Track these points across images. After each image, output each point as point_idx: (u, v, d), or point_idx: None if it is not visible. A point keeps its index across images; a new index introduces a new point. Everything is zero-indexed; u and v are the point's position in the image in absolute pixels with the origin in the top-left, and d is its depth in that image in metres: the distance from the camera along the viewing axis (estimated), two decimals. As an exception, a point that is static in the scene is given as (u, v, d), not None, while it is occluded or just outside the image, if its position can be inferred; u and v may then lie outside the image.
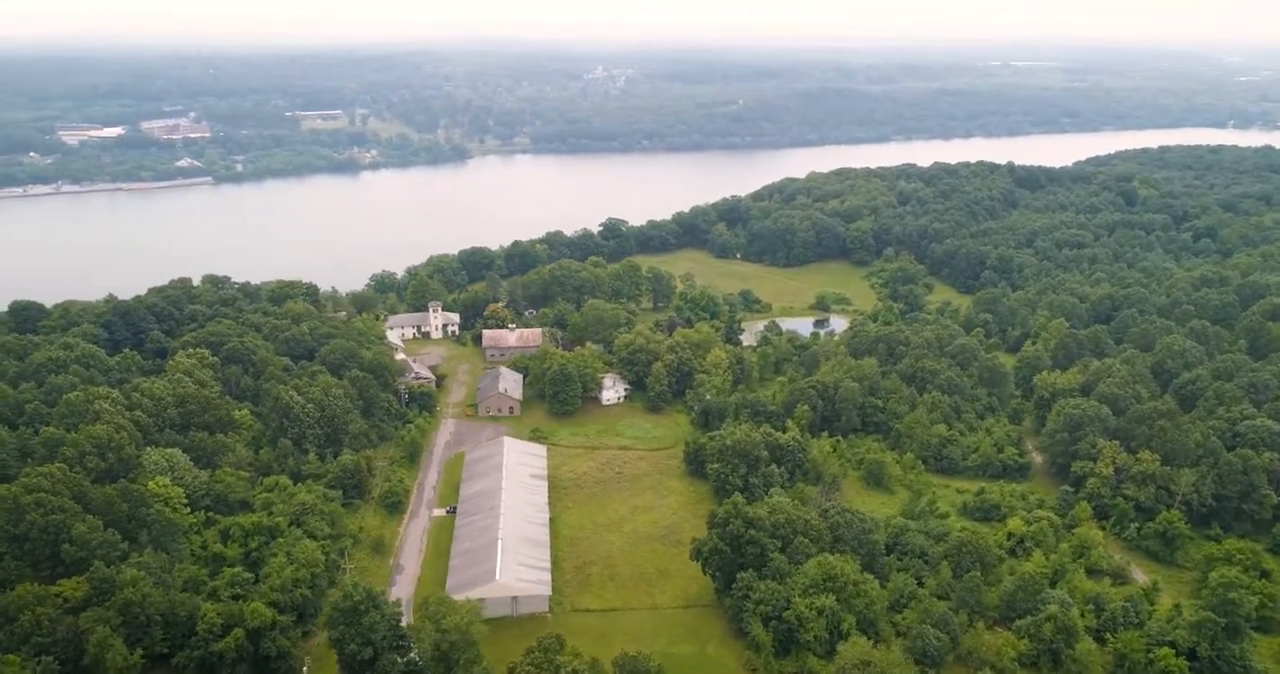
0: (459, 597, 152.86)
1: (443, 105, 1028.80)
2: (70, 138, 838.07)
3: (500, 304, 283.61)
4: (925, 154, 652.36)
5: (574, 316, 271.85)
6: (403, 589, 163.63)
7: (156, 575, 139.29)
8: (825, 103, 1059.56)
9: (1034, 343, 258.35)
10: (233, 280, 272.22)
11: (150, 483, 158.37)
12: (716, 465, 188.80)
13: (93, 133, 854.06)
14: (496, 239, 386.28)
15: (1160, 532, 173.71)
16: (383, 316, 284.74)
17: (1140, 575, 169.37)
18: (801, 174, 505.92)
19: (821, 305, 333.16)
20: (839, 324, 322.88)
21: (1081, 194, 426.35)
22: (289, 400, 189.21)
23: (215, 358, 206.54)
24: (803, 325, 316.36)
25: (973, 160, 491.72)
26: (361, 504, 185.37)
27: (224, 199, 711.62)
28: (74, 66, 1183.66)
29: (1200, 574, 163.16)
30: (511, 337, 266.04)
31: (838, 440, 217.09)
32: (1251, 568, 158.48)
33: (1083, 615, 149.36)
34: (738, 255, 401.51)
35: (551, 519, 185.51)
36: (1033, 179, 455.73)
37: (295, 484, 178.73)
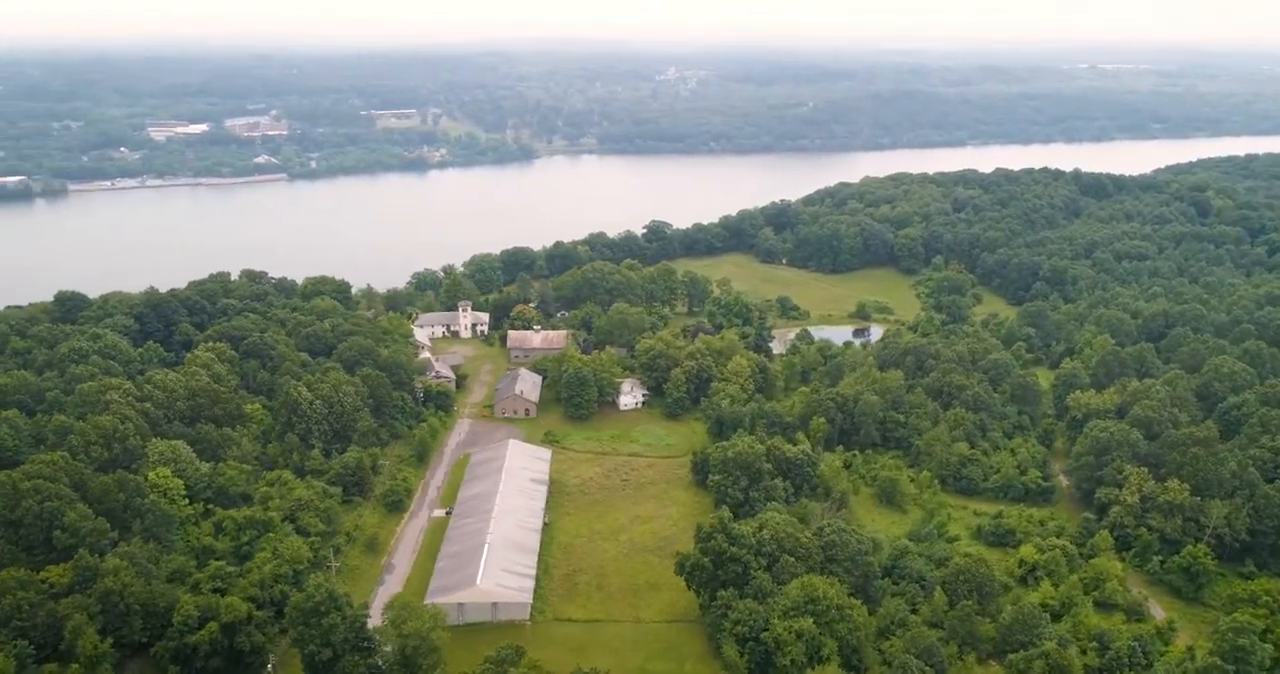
0: (441, 600, 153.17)
1: (513, 105, 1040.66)
2: (158, 134, 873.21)
3: (528, 305, 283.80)
4: (1001, 159, 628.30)
5: (599, 319, 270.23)
6: (390, 589, 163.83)
7: (140, 565, 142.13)
8: (898, 105, 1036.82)
9: (1073, 360, 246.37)
10: (270, 275, 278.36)
11: (150, 473, 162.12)
12: (717, 477, 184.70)
13: (179, 129, 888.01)
14: (549, 239, 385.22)
15: (1185, 566, 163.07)
16: (413, 315, 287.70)
17: (1159, 612, 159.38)
18: (867, 178, 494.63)
19: (861, 314, 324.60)
20: (878, 334, 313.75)
21: (1151, 204, 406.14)
22: (297, 396, 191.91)
23: (234, 352, 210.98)
24: (840, 334, 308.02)
25: (1050, 167, 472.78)
26: (363, 502, 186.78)
27: (295, 195, 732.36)
28: (167, 66, 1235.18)
29: (1225, 614, 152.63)
30: (536, 338, 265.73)
31: (854, 455, 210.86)
32: (1278, 611, 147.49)
33: (1084, 653, 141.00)
34: (783, 261, 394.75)
35: (548, 524, 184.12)
36: (1099, 187, 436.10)
37: (299, 479, 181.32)
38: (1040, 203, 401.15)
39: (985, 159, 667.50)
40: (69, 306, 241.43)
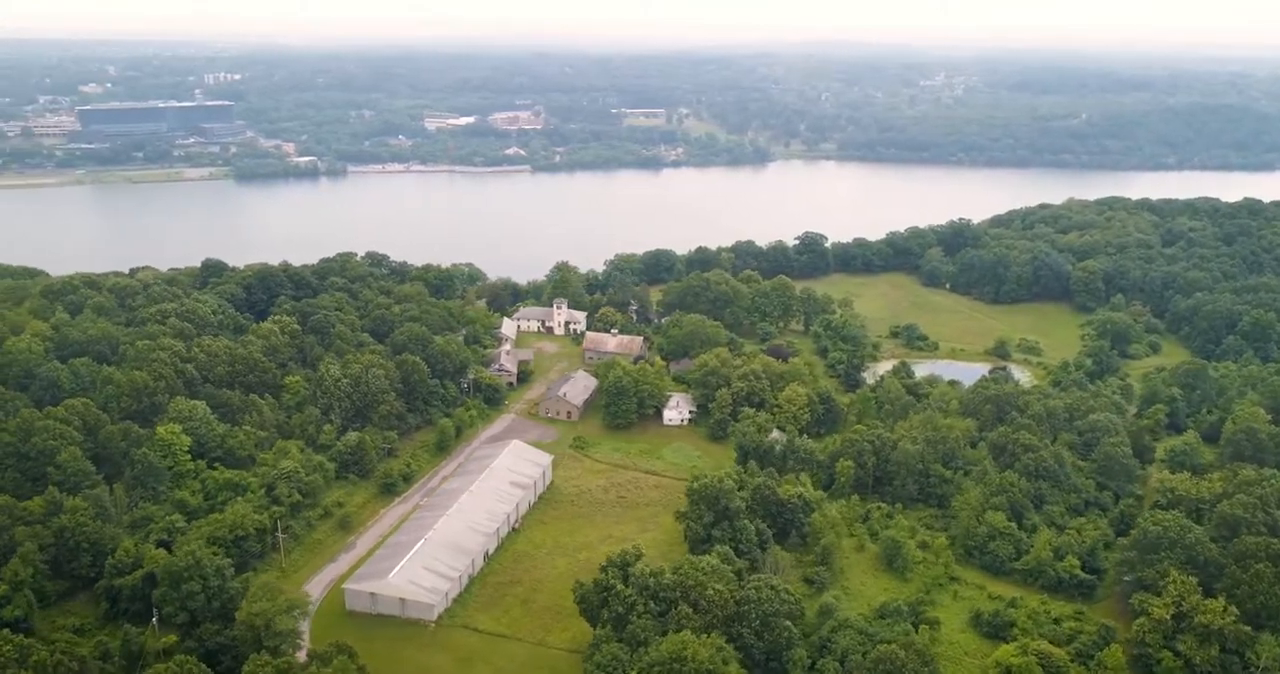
0: (356, 587, 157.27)
1: (759, 107, 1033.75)
2: (431, 124, 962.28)
3: (627, 308, 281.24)
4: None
5: (672, 329, 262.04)
6: (339, 567, 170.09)
7: (103, 508, 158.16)
8: (1196, 121, 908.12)
9: (1190, 432, 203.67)
10: (390, 258, 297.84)
11: (160, 428, 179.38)
12: (684, 509, 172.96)
13: (449, 121, 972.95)
14: (737, 241, 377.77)
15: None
16: (512, 308, 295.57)
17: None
18: (1071, 200, 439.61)
19: (999, 352, 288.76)
20: (1019, 376, 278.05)
21: None
22: (325, 373, 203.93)
23: (299, 327, 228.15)
24: (972, 372, 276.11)
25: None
26: (358, 481, 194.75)
27: (528, 185, 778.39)
28: (459, 62, 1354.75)
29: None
30: (611, 342, 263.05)
31: (878, 506, 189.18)
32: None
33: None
34: (946, 285, 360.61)
35: (516, 530, 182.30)
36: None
37: (305, 451, 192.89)
38: (1277, 242, 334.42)
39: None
40: (209, 272, 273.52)
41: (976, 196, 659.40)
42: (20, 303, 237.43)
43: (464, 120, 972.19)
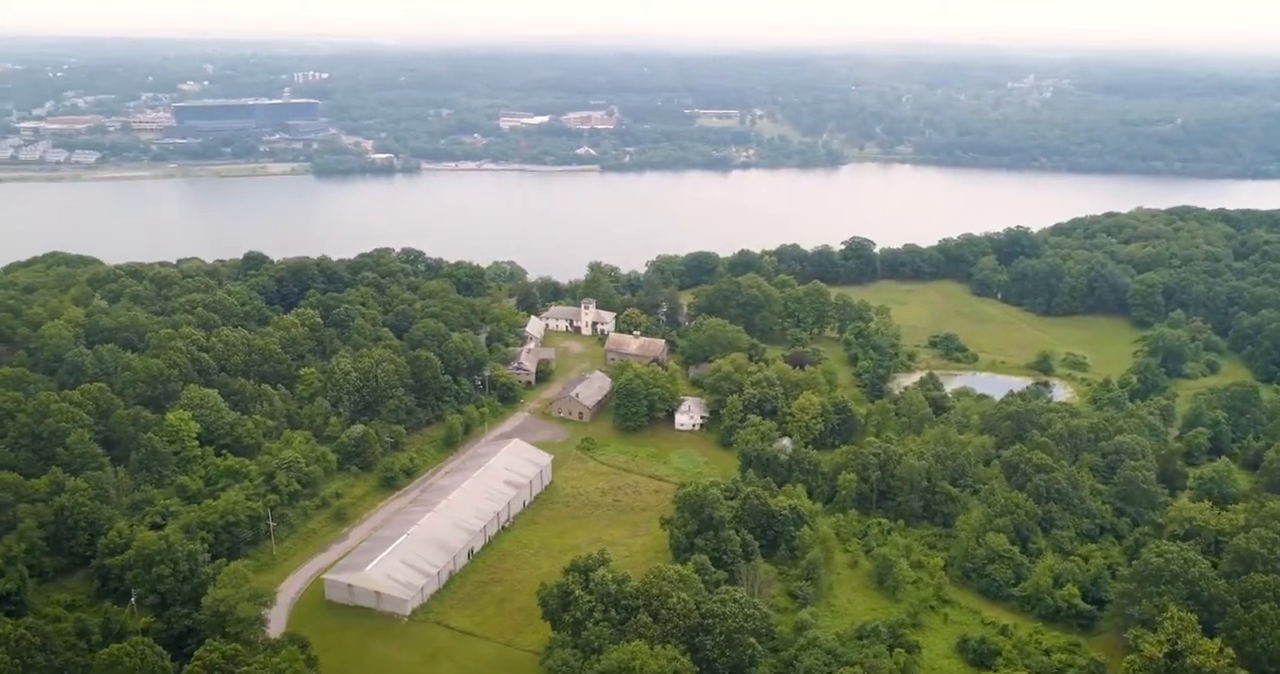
0: (336, 577, 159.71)
1: (834, 109, 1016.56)
2: (505, 123, 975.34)
3: (642, 310, 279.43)
4: None
5: (692, 333, 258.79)
6: (330, 556, 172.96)
7: (103, 490, 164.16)
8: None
9: (1224, 459, 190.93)
10: (426, 255, 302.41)
11: (170, 415, 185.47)
12: (670, 516, 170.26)
13: (523, 120, 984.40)
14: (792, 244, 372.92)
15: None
16: (543, 307, 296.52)
17: None
18: (1139, 209, 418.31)
19: (1041, 366, 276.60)
20: (1061, 393, 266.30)
21: None
22: (335, 366, 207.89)
23: (320, 320, 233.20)
24: (1009, 386, 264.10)
25: None
26: (360, 473, 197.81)
27: (595, 184, 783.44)
28: (538, 62, 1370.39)
29: None
30: (633, 343, 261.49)
31: (879, 522, 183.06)
32: None
33: None
34: (998, 295, 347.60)
35: (506, 529, 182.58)
36: None
37: (314, 441, 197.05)
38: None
39: None
40: (249, 264, 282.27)
41: (1052, 203, 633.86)
42: (67, 290, 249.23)
43: (538, 119, 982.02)
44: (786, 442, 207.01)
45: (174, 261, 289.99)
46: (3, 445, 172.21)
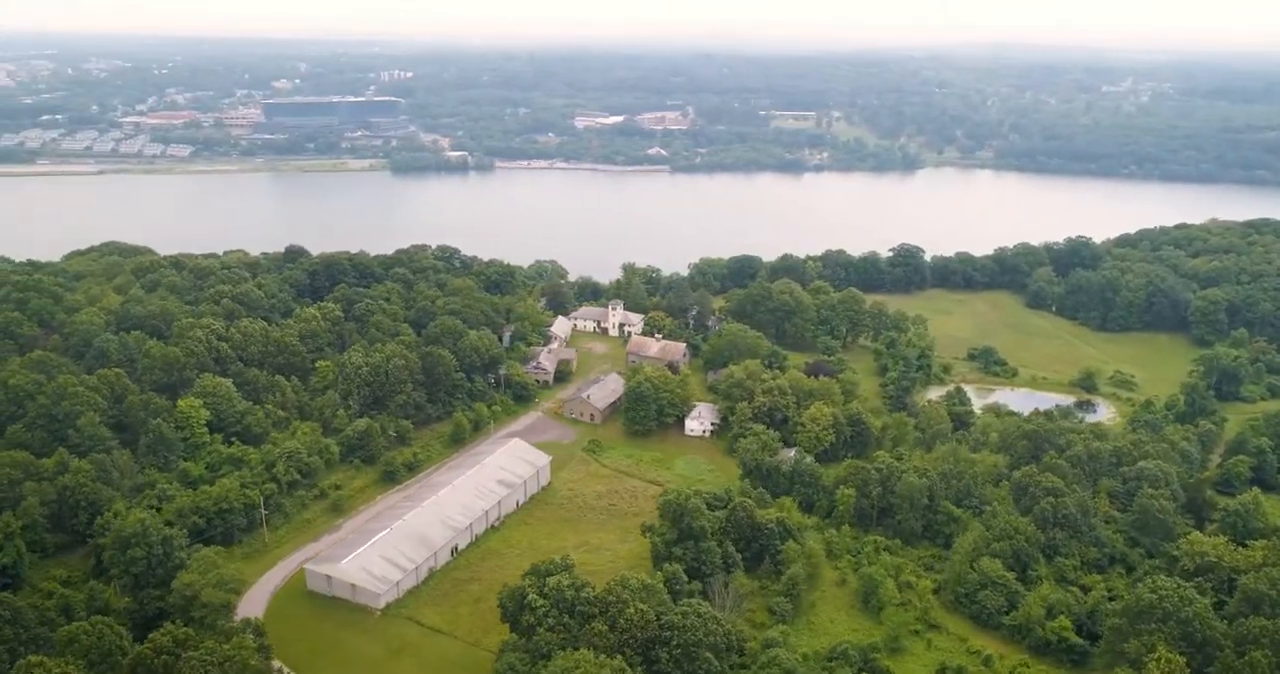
0: (315, 568, 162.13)
1: (914, 112, 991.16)
2: (581, 123, 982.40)
3: (668, 313, 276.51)
4: None
5: (713, 338, 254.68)
6: (320, 546, 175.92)
7: (106, 472, 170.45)
8: None
9: (1254, 491, 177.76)
10: (461, 252, 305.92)
11: (182, 402, 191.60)
12: (653, 523, 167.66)
13: (598, 120, 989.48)
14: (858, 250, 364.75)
15: None
16: (575, 307, 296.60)
17: None
18: (1213, 220, 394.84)
19: (1085, 384, 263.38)
20: (1104, 411, 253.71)
21: None
22: (346, 360, 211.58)
23: (341, 314, 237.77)
24: (1047, 403, 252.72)
25: None
26: (362, 466, 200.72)
27: (663, 185, 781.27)
28: (619, 62, 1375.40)
29: None
30: (654, 346, 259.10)
31: (875, 539, 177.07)
32: None
33: None
34: (1052, 308, 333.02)
35: (495, 528, 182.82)
36: None
37: (320, 433, 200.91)
38: None
39: None
40: (289, 257, 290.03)
41: (1130, 212, 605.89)
42: (112, 278, 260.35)
43: (612, 119, 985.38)
44: (791, 452, 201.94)
45: (219, 253, 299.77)
46: (21, 425, 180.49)
